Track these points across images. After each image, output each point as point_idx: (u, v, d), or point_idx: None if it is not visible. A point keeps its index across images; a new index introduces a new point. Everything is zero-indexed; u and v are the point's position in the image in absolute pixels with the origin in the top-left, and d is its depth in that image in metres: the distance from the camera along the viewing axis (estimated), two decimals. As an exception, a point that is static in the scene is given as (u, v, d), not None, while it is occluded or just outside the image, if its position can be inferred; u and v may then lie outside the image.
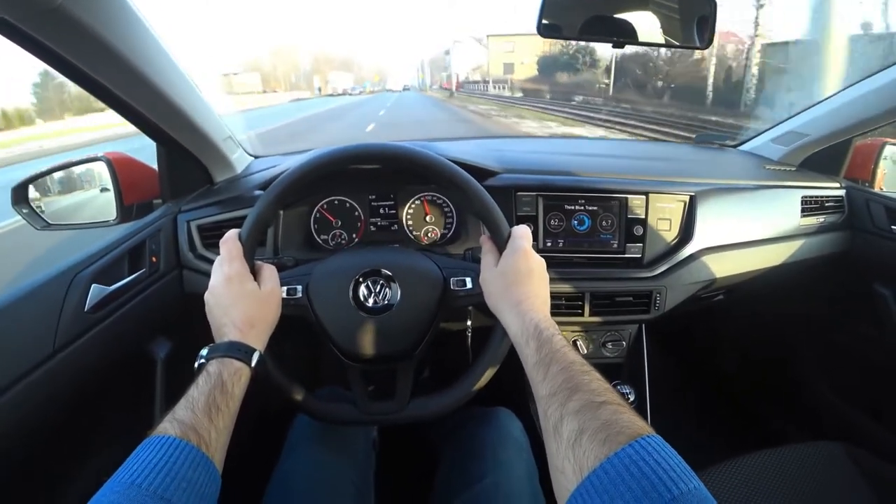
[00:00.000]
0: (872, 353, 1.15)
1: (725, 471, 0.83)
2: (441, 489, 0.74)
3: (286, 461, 0.73)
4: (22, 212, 0.85)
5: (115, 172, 0.88)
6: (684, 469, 0.35)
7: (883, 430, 1.12)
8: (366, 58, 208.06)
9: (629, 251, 0.94)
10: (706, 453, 0.88)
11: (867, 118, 1.02)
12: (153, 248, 0.85)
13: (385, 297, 0.67)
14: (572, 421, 0.41)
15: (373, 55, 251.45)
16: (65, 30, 0.53)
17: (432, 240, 0.97)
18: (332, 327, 0.66)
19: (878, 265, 1.08)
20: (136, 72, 0.65)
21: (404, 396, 0.67)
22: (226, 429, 0.49)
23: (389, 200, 0.96)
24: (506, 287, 0.59)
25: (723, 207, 0.98)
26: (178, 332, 0.88)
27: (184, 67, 0.76)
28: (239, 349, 0.55)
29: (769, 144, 1.25)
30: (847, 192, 1.11)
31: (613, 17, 0.90)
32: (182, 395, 0.49)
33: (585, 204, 0.93)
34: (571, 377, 0.45)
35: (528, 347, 0.52)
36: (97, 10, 0.55)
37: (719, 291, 1.03)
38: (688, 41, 0.93)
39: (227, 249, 0.61)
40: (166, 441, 0.42)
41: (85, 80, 0.63)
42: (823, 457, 0.85)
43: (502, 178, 0.94)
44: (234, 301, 0.58)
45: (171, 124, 0.81)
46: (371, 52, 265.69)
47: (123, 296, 0.76)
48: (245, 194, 0.94)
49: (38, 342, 0.62)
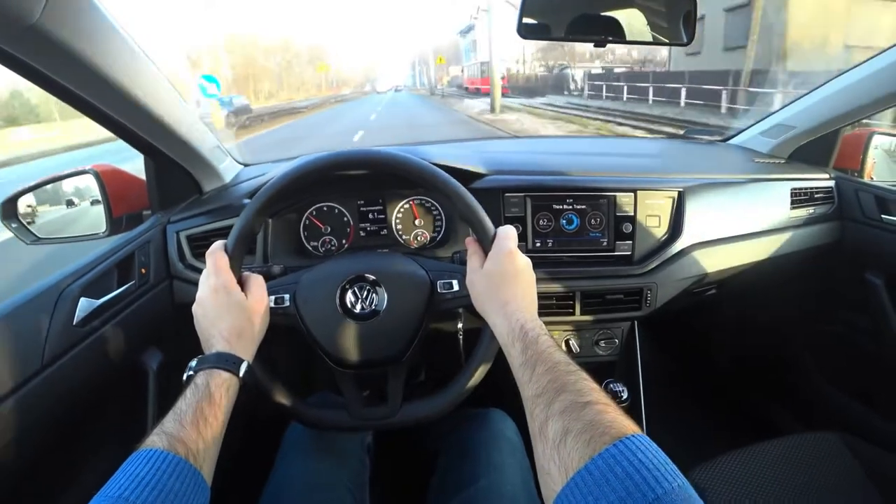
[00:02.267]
0: (865, 342, 1.15)
1: (723, 464, 0.83)
2: (436, 492, 0.74)
3: (280, 468, 0.73)
4: (11, 226, 0.85)
5: (103, 185, 0.88)
6: (669, 467, 0.35)
7: (878, 419, 1.13)
8: (342, 55, 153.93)
9: (619, 249, 0.94)
10: (703, 448, 0.89)
11: (854, 108, 1.02)
12: (143, 259, 0.85)
13: (372, 302, 0.67)
14: (557, 422, 0.41)
15: (352, 51, 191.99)
16: (43, 46, 0.53)
17: (422, 243, 0.97)
18: (321, 335, 0.66)
19: (869, 254, 1.09)
20: (117, 85, 0.65)
21: (396, 401, 0.68)
22: (214, 440, 0.49)
23: (378, 205, 0.96)
24: (492, 288, 0.59)
25: (712, 202, 0.98)
26: (169, 342, 0.88)
27: (166, 77, 0.76)
28: (227, 360, 0.55)
29: (758, 137, 1.25)
30: (836, 182, 1.11)
31: (600, 16, 0.89)
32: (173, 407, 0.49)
33: (574, 203, 0.93)
34: (556, 378, 0.45)
35: (515, 348, 0.52)
36: (75, 26, 0.55)
37: (711, 286, 1.04)
38: (674, 38, 0.93)
39: (212, 261, 0.61)
40: (153, 454, 0.43)
41: (66, 95, 0.63)
42: (820, 447, 0.86)
43: (489, 179, 0.94)
44: (221, 312, 0.58)
45: (157, 135, 0.81)
46: (350, 46, 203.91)
47: (113, 308, 0.76)
48: (234, 203, 0.94)
49: (26, 358, 0.62)
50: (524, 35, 0.82)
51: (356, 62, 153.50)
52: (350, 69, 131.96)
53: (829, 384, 1.27)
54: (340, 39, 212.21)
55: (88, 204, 0.92)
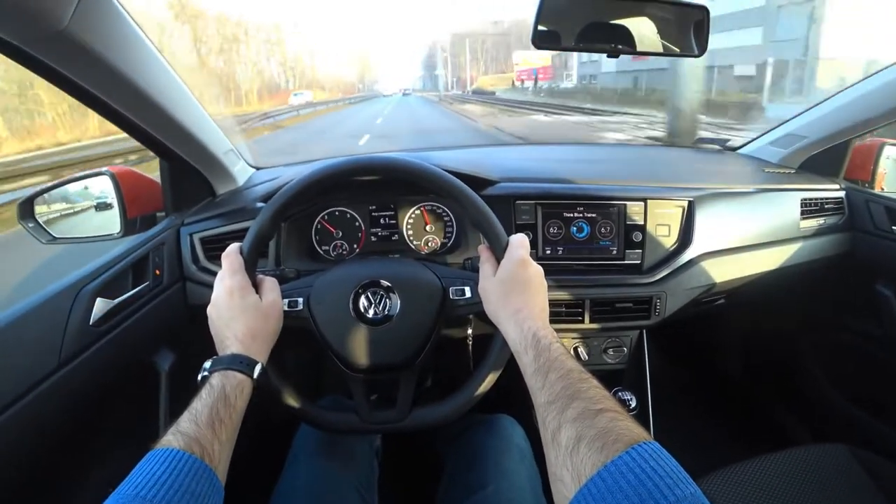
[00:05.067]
0: (875, 353, 1.14)
1: (731, 475, 0.83)
2: (444, 497, 0.75)
3: (290, 471, 0.73)
4: (28, 226, 0.86)
5: (118, 186, 0.89)
6: (681, 475, 0.35)
7: (888, 431, 1.12)
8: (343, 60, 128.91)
9: (628, 257, 0.95)
10: (711, 457, 0.88)
11: (865, 119, 1.03)
12: (157, 260, 0.86)
13: (385, 307, 0.67)
14: (570, 429, 0.41)
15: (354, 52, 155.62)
16: (70, 52, 0.55)
17: (432, 249, 0.98)
18: (333, 338, 0.66)
19: (879, 266, 1.08)
20: (139, 90, 0.66)
21: (406, 405, 0.68)
22: (229, 440, 0.50)
23: (389, 210, 0.97)
24: (504, 296, 0.59)
25: (722, 211, 0.98)
26: (182, 343, 0.89)
27: (184, 83, 0.78)
28: (241, 362, 0.55)
29: (768, 147, 1.25)
30: (847, 193, 1.11)
31: (611, 24, 0.89)
32: (186, 407, 0.50)
33: (584, 211, 0.94)
34: (569, 385, 0.46)
35: (527, 356, 0.52)
36: (102, 32, 0.56)
37: (720, 296, 1.03)
38: (685, 49, 0.93)
39: (228, 263, 0.61)
40: (170, 453, 0.43)
41: (89, 99, 0.64)
42: (829, 459, 0.85)
43: (501, 186, 0.95)
44: (235, 314, 0.59)
45: (174, 139, 0.82)
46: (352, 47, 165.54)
47: (128, 308, 0.77)
48: (247, 206, 0.94)
49: (43, 356, 0.63)
50: (538, 44, 0.83)
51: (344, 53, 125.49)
52: (333, 63, 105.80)
53: (838, 394, 1.26)
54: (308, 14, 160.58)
55: (104, 204, 0.93)
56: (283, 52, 70.89)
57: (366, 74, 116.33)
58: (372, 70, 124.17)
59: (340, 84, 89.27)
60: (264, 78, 67.86)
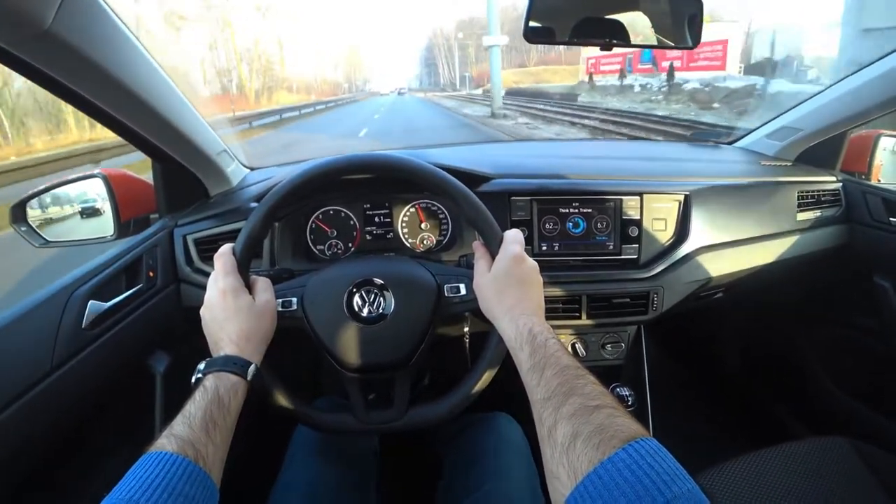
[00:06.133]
0: (874, 345, 1.14)
1: (730, 470, 0.82)
2: (442, 496, 0.74)
3: (287, 472, 0.73)
4: (20, 230, 0.86)
5: (111, 188, 0.89)
6: (679, 471, 0.35)
7: (887, 424, 1.12)
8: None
9: (625, 252, 0.94)
10: (710, 452, 0.88)
11: (861, 111, 1.02)
12: (150, 262, 0.85)
13: (379, 306, 0.67)
14: (566, 425, 0.41)
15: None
16: (55, 52, 0.54)
17: (428, 247, 0.97)
18: (328, 338, 0.66)
19: (877, 258, 1.08)
20: (128, 90, 0.65)
21: (403, 404, 0.67)
22: (223, 443, 0.49)
23: (384, 209, 0.96)
24: (499, 292, 0.59)
25: (718, 205, 0.98)
26: (176, 345, 0.88)
27: (174, 83, 0.77)
28: (235, 363, 0.55)
29: (764, 140, 1.25)
30: (843, 185, 1.11)
31: (605, 19, 0.88)
32: (181, 409, 0.49)
33: (580, 207, 0.93)
34: (566, 381, 0.45)
35: (523, 352, 0.52)
36: (87, 32, 0.56)
37: (718, 289, 1.03)
38: (679, 41, 0.92)
39: (221, 264, 0.61)
40: (163, 457, 0.43)
41: (78, 101, 0.64)
42: (828, 452, 0.85)
43: (496, 183, 0.94)
44: (229, 315, 0.58)
45: (165, 140, 0.81)
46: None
47: (121, 311, 0.77)
48: (241, 207, 0.94)
49: (35, 360, 0.62)
50: (530, 39, 0.82)
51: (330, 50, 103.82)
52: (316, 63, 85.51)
53: (837, 387, 1.26)
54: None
55: (87, 213, 0.91)
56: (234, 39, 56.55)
57: (354, 72, 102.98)
58: (363, 66, 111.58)
59: (324, 84, 74.04)
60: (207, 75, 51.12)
